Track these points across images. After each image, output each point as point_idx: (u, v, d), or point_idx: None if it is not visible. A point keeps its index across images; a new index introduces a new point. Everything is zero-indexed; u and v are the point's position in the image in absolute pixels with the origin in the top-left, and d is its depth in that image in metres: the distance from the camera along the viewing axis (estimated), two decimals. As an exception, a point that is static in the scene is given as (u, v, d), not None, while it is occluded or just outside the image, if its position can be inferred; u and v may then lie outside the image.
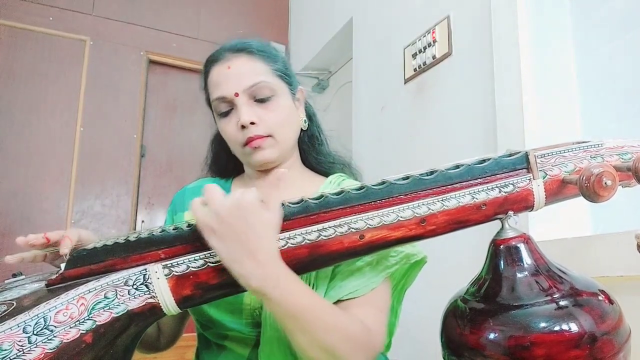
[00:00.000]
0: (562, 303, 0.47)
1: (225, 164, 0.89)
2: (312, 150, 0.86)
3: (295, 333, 0.55)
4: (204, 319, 0.74)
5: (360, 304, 0.64)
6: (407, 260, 0.69)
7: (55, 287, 0.55)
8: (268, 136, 0.75)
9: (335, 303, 0.65)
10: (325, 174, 0.86)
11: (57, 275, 0.56)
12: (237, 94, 0.74)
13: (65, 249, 0.60)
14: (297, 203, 0.56)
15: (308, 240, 0.54)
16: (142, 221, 2.67)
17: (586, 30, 1.19)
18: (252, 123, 0.74)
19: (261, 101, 0.76)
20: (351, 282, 0.65)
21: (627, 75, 1.07)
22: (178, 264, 0.54)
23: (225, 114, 0.77)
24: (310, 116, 0.87)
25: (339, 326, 0.57)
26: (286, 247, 0.55)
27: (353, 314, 0.62)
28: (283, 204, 0.56)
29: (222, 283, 0.55)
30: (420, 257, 0.70)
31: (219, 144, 0.88)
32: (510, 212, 0.53)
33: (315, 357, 0.56)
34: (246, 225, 0.52)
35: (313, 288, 0.67)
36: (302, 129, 0.84)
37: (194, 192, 0.87)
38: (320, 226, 0.54)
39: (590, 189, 0.48)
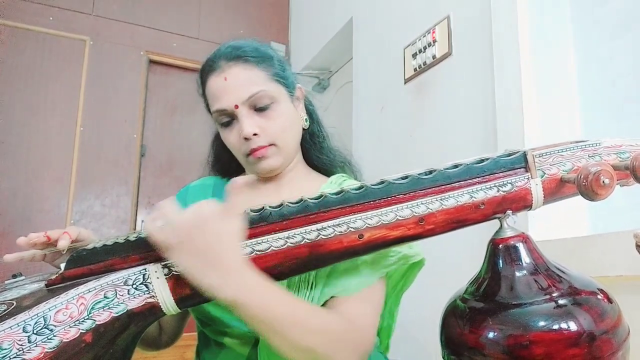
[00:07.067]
0: (561, 302, 0.47)
1: (228, 164, 0.88)
2: (314, 149, 0.86)
3: (270, 337, 0.55)
4: (203, 315, 0.73)
5: (351, 300, 0.64)
6: (405, 261, 0.69)
7: (55, 287, 0.55)
8: (271, 145, 0.76)
9: (328, 299, 0.65)
10: (327, 172, 0.86)
11: (57, 275, 0.56)
12: (236, 106, 0.74)
13: (62, 242, 0.60)
14: (297, 203, 0.56)
15: (307, 239, 0.54)
16: (142, 221, 2.67)
17: (586, 30, 1.19)
18: (255, 134, 0.74)
19: (261, 110, 0.75)
20: (346, 280, 0.65)
21: (627, 75, 1.07)
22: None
23: (227, 124, 0.77)
24: (310, 113, 0.87)
25: (317, 326, 0.57)
26: (285, 246, 0.55)
27: (337, 312, 0.62)
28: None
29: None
30: (418, 258, 0.70)
31: (220, 144, 0.87)
32: (509, 212, 0.53)
33: (296, 357, 0.56)
34: (207, 237, 0.52)
35: (312, 285, 0.67)
36: (303, 128, 0.83)
37: (196, 191, 0.87)
38: (319, 225, 0.54)
39: (588, 188, 0.48)
